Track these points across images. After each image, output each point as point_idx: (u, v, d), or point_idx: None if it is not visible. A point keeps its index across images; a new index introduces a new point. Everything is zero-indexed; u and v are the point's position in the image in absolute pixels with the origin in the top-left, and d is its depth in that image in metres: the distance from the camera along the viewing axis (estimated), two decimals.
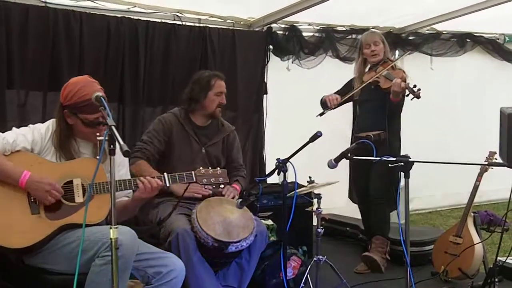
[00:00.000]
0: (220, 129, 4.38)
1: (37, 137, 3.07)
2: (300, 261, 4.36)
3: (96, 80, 3.13)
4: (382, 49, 4.85)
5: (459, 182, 5.33)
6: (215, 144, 4.30)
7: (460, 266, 4.36)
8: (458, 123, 7.28)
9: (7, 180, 2.90)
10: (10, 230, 2.84)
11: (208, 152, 4.23)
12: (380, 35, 4.98)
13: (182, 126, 4.19)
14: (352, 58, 6.48)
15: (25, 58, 4.48)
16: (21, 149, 3.01)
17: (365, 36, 4.98)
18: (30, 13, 4.45)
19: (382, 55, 4.85)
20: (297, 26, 6.15)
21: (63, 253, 2.91)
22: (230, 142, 4.42)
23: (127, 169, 3.37)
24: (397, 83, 4.41)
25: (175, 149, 4.14)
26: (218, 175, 3.33)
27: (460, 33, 7.09)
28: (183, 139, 4.17)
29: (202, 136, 4.24)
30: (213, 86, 4.18)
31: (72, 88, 3.04)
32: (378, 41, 4.85)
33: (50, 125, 3.16)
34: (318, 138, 3.41)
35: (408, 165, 3.27)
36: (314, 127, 3.54)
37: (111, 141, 2.41)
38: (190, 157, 4.10)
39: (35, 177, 2.89)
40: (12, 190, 2.90)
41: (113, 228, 2.40)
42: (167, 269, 3.05)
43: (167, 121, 4.19)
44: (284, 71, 6.24)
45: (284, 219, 3.34)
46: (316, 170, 3.98)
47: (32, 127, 3.13)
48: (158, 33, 5.21)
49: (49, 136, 3.11)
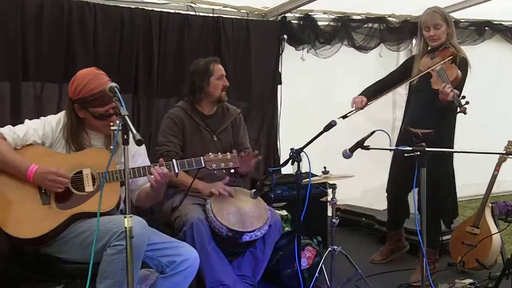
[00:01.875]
0: (226, 113, 4.34)
1: (48, 130, 3.09)
2: (314, 251, 4.35)
3: (103, 72, 3.12)
4: (444, 32, 4.24)
5: (477, 172, 5.28)
6: (225, 130, 4.27)
7: (477, 257, 4.34)
8: (477, 112, 7.18)
9: (17, 174, 2.93)
10: (22, 221, 2.88)
11: (220, 139, 4.21)
12: (443, 14, 4.29)
13: (191, 118, 4.16)
14: (368, 47, 6.44)
15: (40, 50, 4.48)
16: (32, 143, 3.04)
17: (424, 16, 4.33)
18: (45, 6, 4.45)
19: (444, 38, 4.25)
20: (311, 15, 6.09)
21: (76, 243, 2.94)
22: (237, 125, 4.38)
23: (144, 158, 3.35)
24: (445, 92, 3.84)
25: (188, 141, 4.12)
26: (228, 159, 3.29)
27: (478, 21, 6.98)
28: (194, 131, 4.15)
29: (211, 125, 4.22)
30: (213, 70, 4.14)
31: (80, 82, 3.03)
32: (439, 24, 4.23)
33: (61, 118, 3.16)
34: (333, 127, 3.39)
35: (424, 155, 3.23)
36: (330, 117, 3.50)
37: (124, 130, 2.41)
38: (203, 147, 4.06)
39: (41, 169, 2.91)
40: (23, 182, 2.94)
41: (128, 217, 2.41)
42: (181, 258, 3.06)
43: (176, 116, 4.15)
44: (299, 61, 6.19)
45: (298, 209, 3.33)
46: (333, 161, 3.95)
47: (43, 120, 3.14)
48: (172, 23, 5.19)
49: (60, 129, 3.12)
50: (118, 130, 2.43)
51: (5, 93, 4.36)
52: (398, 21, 6.54)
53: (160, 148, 4.05)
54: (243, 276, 3.91)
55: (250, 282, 3.94)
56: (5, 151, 2.92)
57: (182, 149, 4.09)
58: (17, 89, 4.39)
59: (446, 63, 4.14)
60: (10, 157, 2.92)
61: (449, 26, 4.27)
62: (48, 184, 2.91)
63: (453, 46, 4.24)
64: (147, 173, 3.05)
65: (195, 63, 4.23)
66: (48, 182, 2.90)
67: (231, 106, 4.43)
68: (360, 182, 5.95)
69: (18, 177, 2.94)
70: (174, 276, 3.05)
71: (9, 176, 2.94)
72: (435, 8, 4.33)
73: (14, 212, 2.88)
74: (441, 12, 4.31)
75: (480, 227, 4.41)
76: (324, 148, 4.40)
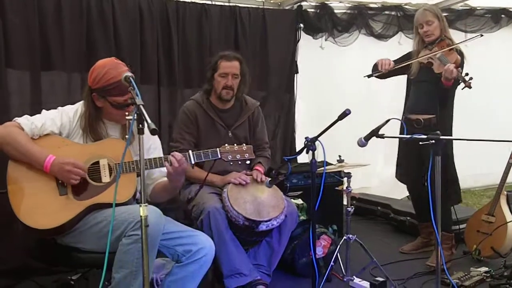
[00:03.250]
0: (244, 108, 4.31)
1: (65, 121, 3.11)
2: (330, 240, 4.36)
3: (122, 62, 3.11)
4: (436, 27, 4.47)
5: (493, 162, 5.25)
6: (242, 125, 4.26)
7: (493, 245, 4.33)
8: (493, 100, 7.14)
9: (34, 165, 2.95)
10: (39, 211, 2.90)
11: (235, 134, 4.20)
12: (435, 11, 4.55)
13: (205, 112, 4.15)
14: (387, 36, 6.42)
15: (60, 40, 4.52)
16: (49, 133, 3.05)
17: (417, 15, 4.62)
18: None
19: (437, 33, 4.47)
20: (328, 4, 6.08)
21: (92, 233, 2.96)
22: (255, 119, 4.35)
23: (159, 151, 3.36)
24: (449, 70, 4.03)
25: (202, 136, 4.12)
26: (243, 151, 3.28)
27: (494, 9, 6.92)
28: (209, 125, 4.15)
29: (227, 119, 4.20)
30: (218, 67, 4.10)
31: (100, 71, 3.03)
32: (431, 20, 4.46)
33: (78, 108, 3.18)
34: (347, 116, 3.38)
35: (439, 142, 3.22)
36: (347, 106, 3.47)
37: (139, 120, 2.41)
38: (218, 142, 4.01)
39: (58, 160, 2.92)
40: (40, 173, 2.95)
41: (143, 206, 2.41)
42: (197, 247, 3.06)
43: (190, 111, 4.14)
44: (316, 50, 6.19)
45: (313, 198, 3.34)
46: (351, 149, 3.93)
47: (60, 110, 3.16)
48: (189, 13, 5.22)
49: (77, 119, 3.14)
50: (134, 120, 2.43)
51: (25, 83, 4.40)
52: (416, 8, 6.47)
53: (174, 145, 4.06)
54: (258, 265, 3.93)
55: (266, 271, 3.96)
56: (22, 141, 2.94)
57: (195, 145, 4.09)
58: (37, 79, 4.43)
59: (445, 51, 4.31)
60: (27, 147, 2.93)
61: (440, 22, 4.49)
62: (65, 175, 2.93)
63: (448, 38, 4.46)
64: (164, 162, 3.04)
65: (215, 54, 4.24)
66: (65, 173, 2.91)
67: (250, 100, 4.38)
68: (377, 171, 5.94)
69: (35, 168, 2.95)
70: (190, 265, 3.06)
71: (27, 167, 2.96)
72: (426, 7, 4.67)
73: (31, 203, 2.91)
74: (432, 9, 4.58)
75: (495, 215, 4.41)
76: (343, 136, 4.40)
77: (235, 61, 4.12)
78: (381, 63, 4.52)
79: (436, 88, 4.32)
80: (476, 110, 6.85)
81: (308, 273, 3.54)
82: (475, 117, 6.77)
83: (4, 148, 2.95)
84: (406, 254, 4.84)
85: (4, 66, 4.24)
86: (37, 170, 2.95)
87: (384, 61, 4.52)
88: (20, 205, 2.90)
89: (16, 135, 2.95)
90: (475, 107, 6.84)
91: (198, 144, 4.10)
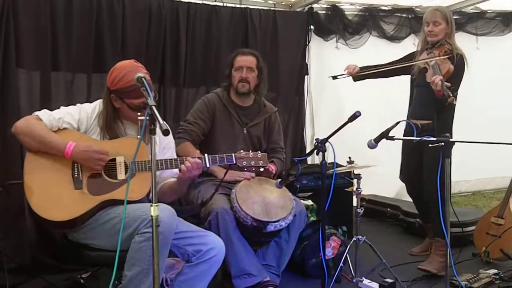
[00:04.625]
0: (262, 110, 4.38)
1: (83, 116, 3.14)
2: (339, 241, 4.36)
3: (142, 65, 3.15)
4: (442, 30, 4.37)
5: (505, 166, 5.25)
6: (257, 125, 4.31)
7: (502, 247, 4.33)
8: (505, 102, 7.13)
9: (52, 151, 2.98)
10: (53, 203, 2.93)
11: (250, 132, 4.26)
12: (445, 14, 4.44)
13: (224, 106, 4.23)
14: (400, 37, 6.44)
15: (70, 41, 4.55)
16: (67, 127, 3.08)
17: (427, 13, 4.52)
18: None
19: (441, 36, 4.38)
20: (339, 6, 6.10)
21: (104, 229, 2.98)
22: (272, 123, 4.41)
23: (173, 151, 3.40)
24: (434, 82, 3.98)
25: (217, 129, 4.18)
26: (258, 158, 3.30)
27: (505, 12, 6.92)
28: (225, 119, 4.21)
29: (244, 117, 4.27)
30: (234, 62, 4.22)
31: (119, 73, 3.06)
32: (438, 21, 4.37)
33: (97, 106, 3.21)
34: (357, 118, 3.39)
35: (449, 145, 3.23)
36: (357, 108, 3.47)
37: (151, 120, 2.44)
38: (232, 137, 4.13)
39: (82, 146, 2.96)
40: (57, 166, 2.99)
41: (154, 206, 2.44)
42: (207, 247, 3.09)
43: (210, 101, 4.23)
44: (326, 52, 6.21)
45: (323, 199, 3.35)
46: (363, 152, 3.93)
47: (79, 106, 3.20)
48: (200, 15, 5.25)
49: (95, 117, 3.17)
50: (146, 120, 2.45)
51: (35, 83, 4.44)
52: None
53: (186, 125, 4.14)
54: (267, 266, 3.95)
55: (275, 272, 3.97)
56: (41, 130, 2.98)
57: (205, 134, 4.16)
58: (47, 79, 4.47)
59: (441, 58, 4.24)
60: (46, 135, 2.96)
61: (449, 25, 4.40)
62: (90, 160, 2.96)
63: (449, 43, 4.36)
64: (180, 164, 3.07)
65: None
66: (91, 158, 2.95)
67: (269, 104, 4.48)
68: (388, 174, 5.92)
69: (52, 160, 2.99)
70: (200, 264, 3.08)
71: (45, 159, 2.99)
72: (438, 7, 4.54)
73: (45, 195, 2.94)
74: (443, 11, 4.47)
75: (505, 218, 4.41)
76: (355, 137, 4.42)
77: (250, 56, 4.25)
78: (348, 67, 4.69)
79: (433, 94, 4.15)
80: (487, 112, 6.85)
81: (318, 274, 3.54)
82: (486, 118, 6.76)
83: (22, 139, 3.00)
84: (415, 255, 4.82)
85: (15, 66, 4.27)
86: (54, 162, 2.99)
87: (350, 66, 4.69)
88: (35, 196, 2.93)
89: (34, 125, 2.99)
90: (486, 109, 6.84)
91: (212, 134, 4.17)
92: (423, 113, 4.40)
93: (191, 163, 3.05)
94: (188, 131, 4.11)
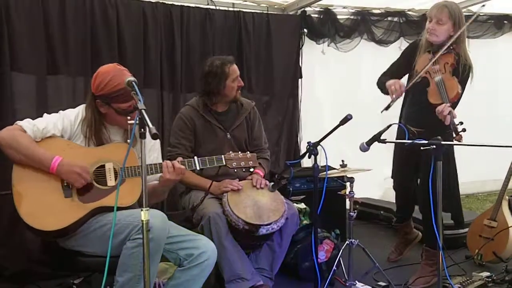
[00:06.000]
0: (240, 109, 4.28)
1: (66, 125, 3.10)
2: (333, 244, 4.37)
3: (125, 68, 3.13)
4: (445, 31, 3.87)
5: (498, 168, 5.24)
6: (239, 126, 4.23)
7: (495, 250, 4.34)
8: (497, 106, 7.16)
9: (39, 166, 2.95)
10: (44, 213, 2.91)
11: (234, 136, 4.19)
12: (454, 12, 3.86)
13: (203, 117, 4.12)
14: (388, 41, 6.46)
15: (66, 45, 4.56)
16: (52, 135, 3.05)
17: (432, 7, 3.97)
18: (66, 2, 4.53)
19: (442, 38, 3.89)
20: (331, 9, 6.11)
21: (95, 236, 2.97)
22: (252, 120, 4.33)
23: (158, 153, 3.39)
24: (442, 114, 3.61)
25: (201, 141, 4.11)
26: (247, 158, 3.32)
27: (497, 15, 6.96)
28: (207, 129, 4.12)
29: (225, 122, 4.18)
30: (229, 73, 4.04)
31: (104, 78, 3.04)
32: (443, 20, 3.84)
33: (80, 112, 3.18)
34: (349, 121, 3.40)
35: (440, 148, 3.23)
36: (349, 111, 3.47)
37: (141, 124, 2.43)
38: (217, 145, 4.04)
39: (66, 162, 2.94)
40: (46, 175, 2.96)
41: (144, 210, 2.42)
42: (199, 251, 3.08)
43: (187, 117, 4.11)
44: (319, 55, 6.22)
45: (316, 202, 3.35)
46: (355, 155, 3.93)
47: (62, 114, 3.15)
48: (193, 18, 5.26)
49: (78, 123, 3.14)
50: (135, 124, 2.44)
51: (31, 87, 4.44)
52: (418, 14, 6.51)
53: (172, 150, 4.06)
54: (260, 269, 3.94)
55: (268, 275, 3.97)
56: (26, 144, 2.93)
57: (193, 150, 4.09)
58: (42, 83, 4.47)
59: (446, 73, 3.86)
60: (32, 150, 2.93)
61: (455, 27, 3.87)
62: (73, 177, 2.93)
63: (457, 53, 3.92)
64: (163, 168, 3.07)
65: (210, 63, 4.09)
66: (74, 174, 2.92)
67: (245, 100, 4.36)
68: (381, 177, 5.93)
69: (41, 170, 2.96)
70: (192, 269, 3.07)
71: (32, 169, 2.96)
72: (447, 3, 3.92)
73: (36, 204, 2.92)
74: (452, 9, 3.88)
75: (497, 220, 4.42)
76: (348, 141, 4.41)
77: (234, 63, 4.14)
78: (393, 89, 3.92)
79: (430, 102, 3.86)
80: (480, 115, 6.86)
81: (311, 278, 3.55)
82: (480, 122, 6.77)
83: (6, 152, 2.95)
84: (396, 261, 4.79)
85: (10, 70, 4.27)
86: (42, 171, 2.95)
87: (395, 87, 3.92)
88: (25, 206, 2.90)
89: (19, 138, 2.94)
90: (480, 112, 6.85)
91: (197, 148, 4.10)
92: (418, 119, 4.10)
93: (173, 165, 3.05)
94: (174, 155, 3.92)
